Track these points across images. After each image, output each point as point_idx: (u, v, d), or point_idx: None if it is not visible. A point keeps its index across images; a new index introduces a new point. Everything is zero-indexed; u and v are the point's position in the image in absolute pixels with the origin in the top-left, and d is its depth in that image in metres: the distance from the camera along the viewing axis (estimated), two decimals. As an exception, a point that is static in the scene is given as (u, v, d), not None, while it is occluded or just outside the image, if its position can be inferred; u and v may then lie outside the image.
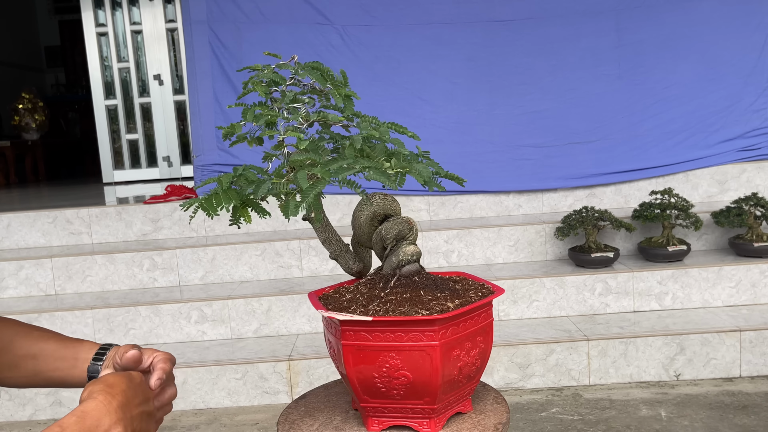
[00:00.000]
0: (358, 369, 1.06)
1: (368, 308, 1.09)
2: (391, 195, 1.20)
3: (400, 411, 1.08)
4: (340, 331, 1.06)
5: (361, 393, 1.08)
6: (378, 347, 1.04)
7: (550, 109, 3.70)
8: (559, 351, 2.87)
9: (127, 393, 0.78)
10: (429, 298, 1.11)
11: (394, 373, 1.05)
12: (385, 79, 3.70)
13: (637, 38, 3.67)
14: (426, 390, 1.05)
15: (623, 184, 3.74)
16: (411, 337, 1.03)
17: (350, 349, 1.05)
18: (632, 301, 3.16)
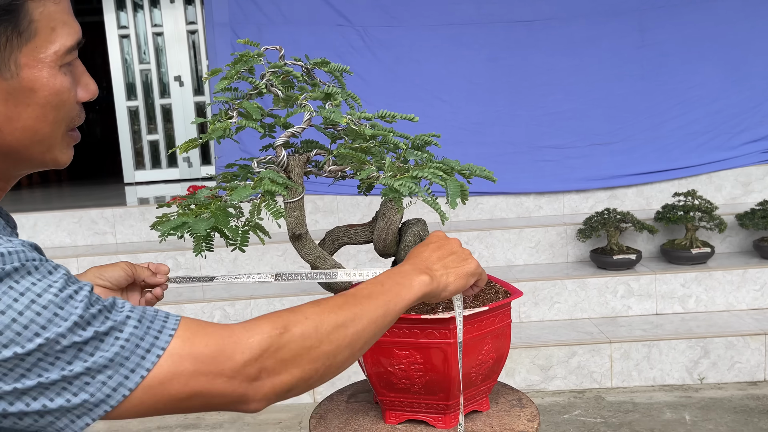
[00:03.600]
0: (375, 363, 1.09)
1: None
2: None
3: (416, 405, 1.11)
4: None
5: (379, 386, 1.12)
6: (395, 343, 1.07)
7: (572, 109, 3.68)
8: (581, 353, 2.85)
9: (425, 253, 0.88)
10: (447, 300, 1.14)
11: (410, 369, 1.07)
12: (405, 79, 3.70)
13: (660, 38, 3.64)
14: (440, 386, 1.07)
15: (645, 185, 3.71)
16: (427, 334, 1.06)
17: None
18: (655, 304, 3.14)
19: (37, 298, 0.60)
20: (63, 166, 0.77)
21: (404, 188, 0.98)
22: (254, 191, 1.02)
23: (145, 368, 0.63)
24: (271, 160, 1.11)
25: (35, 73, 0.68)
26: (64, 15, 0.70)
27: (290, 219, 1.10)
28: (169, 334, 0.65)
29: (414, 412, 1.12)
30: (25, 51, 0.67)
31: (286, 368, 0.69)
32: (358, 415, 1.17)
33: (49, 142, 0.72)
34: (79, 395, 0.61)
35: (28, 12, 0.67)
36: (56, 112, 0.71)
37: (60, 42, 0.69)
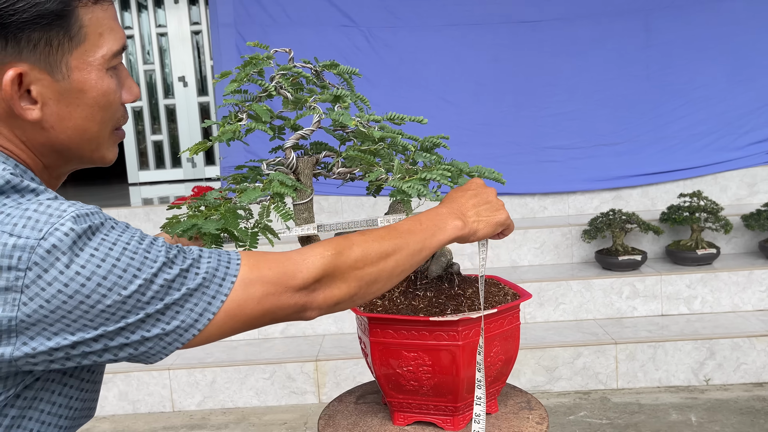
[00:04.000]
0: (384, 365, 1.09)
1: (398, 306, 1.12)
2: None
3: (424, 407, 1.11)
4: (369, 328, 1.09)
5: (387, 388, 1.12)
6: (403, 345, 1.08)
7: (577, 110, 3.67)
8: (587, 354, 2.85)
9: (460, 198, 0.95)
10: (486, 289, 1.14)
11: (418, 371, 1.08)
12: (410, 80, 3.70)
13: (666, 39, 3.63)
14: (449, 388, 1.08)
15: (650, 186, 3.71)
16: (435, 336, 1.06)
17: (377, 345, 1.09)
18: (660, 305, 3.13)
19: (127, 246, 0.69)
20: (109, 163, 0.84)
21: (413, 190, 0.99)
22: (263, 193, 1.02)
23: (223, 294, 0.73)
24: (281, 162, 1.11)
25: (85, 75, 0.75)
26: (111, 21, 0.77)
27: (299, 220, 1.10)
28: (236, 264, 0.75)
29: (422, 413, 1.12)
30: (75, 54, 0.74)
31: (336, 284, 0.80)
32: (367, 416, 1.17)
33: (98, 141, 0.79)
34: (171, 323, 0.71)
35: (79, 18, 0.73)
36: (104, 113, 0.77)
37: (107, 46, 0.75)
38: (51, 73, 0.72)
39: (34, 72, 0.72)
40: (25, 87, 0.73)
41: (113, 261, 0.67)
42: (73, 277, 0.66)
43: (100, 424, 2.80)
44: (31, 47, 0.71)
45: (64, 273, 0.65)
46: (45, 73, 0.72)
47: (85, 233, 0.67)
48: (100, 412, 2.86)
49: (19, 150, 0.76)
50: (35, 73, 0.72)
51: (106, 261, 0.67)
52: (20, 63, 0.72)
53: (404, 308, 1.12)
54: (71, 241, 0.66)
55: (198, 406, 2.86)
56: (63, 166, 0.81)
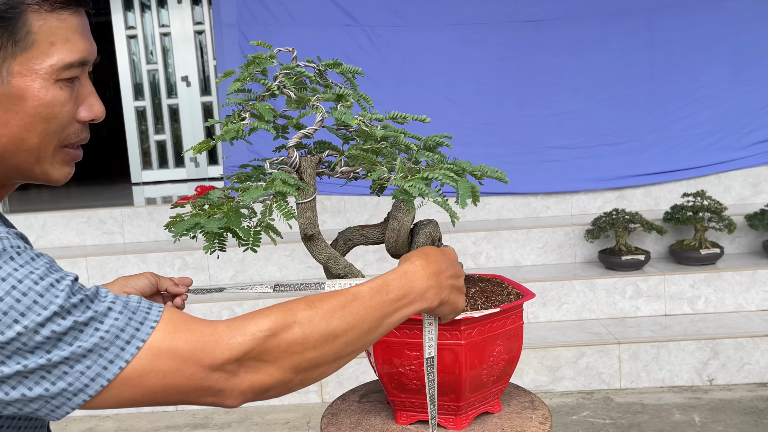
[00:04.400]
0: (386, 363, 1.09)
1: None
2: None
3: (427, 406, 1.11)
4: None
5: (390, 387, 1.12)
6: (406, 344, 1.07)
7: (580, 110, 3.66)
8: (590, 354, 2.85)
9: (441, 263, 0.86)
10: (489, 288, 1.15)
11: (421, 370, 1.07)
12: (413, 80, 3.70)
13: (670, 38, 3.62)
14: (451, 388, 1.07)
15: (653, 186, 3.70)
16: (438, 335, 1.05)
17: (379, 344, 1.09)
18: (664, 305, 3.13)
19: (17, 284, 0.59)
20: (56, 183, 0.76)
21: (415, 189, 0.98)
22: (266, 192, 1.02)
23: (123, 360, 0.62)
24: (284, 161, 1.11)
25: (27, 83, 0.69)
26: (69, 33, 0.70)
27: (302, 220, 1.10)
28: (150, 326, 0.64)
29: (425, 412, 1.12)
30: (19, 59, 0.68)
31: (264, 368, 0.68)
32: (370, 415, 1.17)
33: (38, 154, 0.71)
34: (57, 384, 0.61)
35: (27, 22, 0.68)
36: (45, 124, 0.70)
37: (58, 57, 0.69)
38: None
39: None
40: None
41: (3, 294, 0.59)
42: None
43: (103, 423, 2.80)
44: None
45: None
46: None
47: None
48: (104, 411, 2.86)
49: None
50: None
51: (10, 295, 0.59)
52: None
53: None
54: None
55: (201, 405, 2.86)
56: (4, 177, 0.74)
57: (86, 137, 0.77)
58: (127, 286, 0.99)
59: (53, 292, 0.60)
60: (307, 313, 0.71)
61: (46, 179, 0.75)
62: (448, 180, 1.01)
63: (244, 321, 0.69)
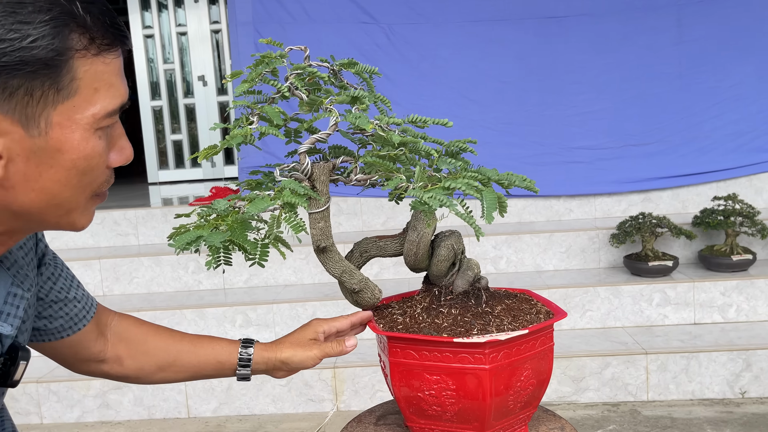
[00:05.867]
0: (404, 387, 1.01)
1: (420, 325, 1.04)
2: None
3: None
4: (388, 347, 1.01)
5: (408, 412, 1.04)
6: (425, 367, 0.99)
7: (605, 109, 3.54)
8: (615, 364, 2.73)
9: None
10: (516, 306, 1.06)
11: (441, 395, 0.99)
12: (432, 78, 3.61)
13: (700, 34, 3.48)
14: (475, 415, 0.99)
15: (681, 188, 3.56)
16: (460, 359, 0.97)
17: (397, 366, 1.01)
18: (693, 313, 3.00)
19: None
20: (80, 230, 0.71)
21: (434, 201, 0.90)
22: (273, 202, 0.94)
23: None
24: (296, 167, 1.03)
25: (66, 134, 0.62)
26: (112, 77, 0.64)
27: (314, 231, 1.02)
28: None
29: None
30: (60, 109, 0.61)
31: None
32: (387, 441, 1.09)
33: (68, 207, 0.66)
34: None
35: (72, 69, 0.61)
36: (81, 177, 0.64)
37: (101, 104, 0.63)
38: (25, 126, 0.60)
39: (5, 123, 0.60)
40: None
41: None
42: None
43: (114, 430, 2.76)
44: (6, 95, 0.59)
45: None
46: (18, 125, 0.60)
47: None
48: (115, 417, 2.82)
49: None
50: (6, 125, 0.60)
51: None
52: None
53: (426, 327, 1.03)
54: None
55: (214, 413, 2.80)
56: (16, 229, 0.69)
57: (113, 181, 0.71)
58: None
59: None
60: None
61: (71, 228, 0.69)
62: (471, 191, 0.92)
63: None
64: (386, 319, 1.08)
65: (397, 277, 3.31)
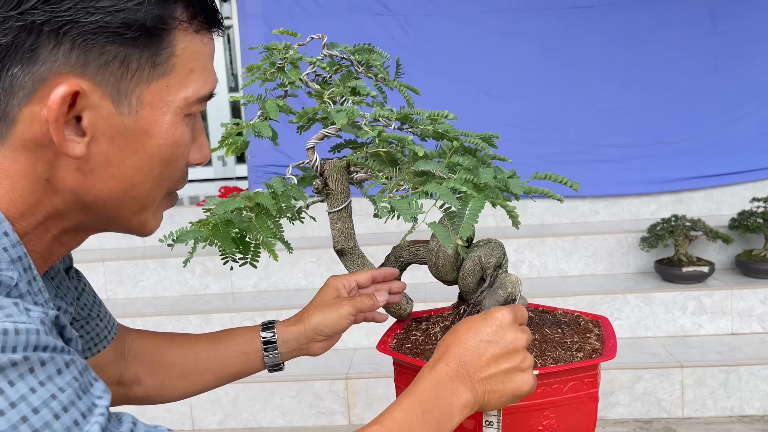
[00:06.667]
0: None
1: (427, 347, 0.89)
2: None
3: None
4: (393, 367, 0.88)
5: None
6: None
7: (633, 105, 3.34)
8: (648, 378, 2.54)
9: (466, 354, 0.67)
10: (559, 336, 0.89)
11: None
12: (449, 72, 3.43)
13: (735, 25, 3.27)
14: None
15: (715, 189, 3.36)
16: (573, 387, 0.81)
17: (399, 391, 0.86)
18: (730, 323, 2.80)
19: (31, 415, 0.44)
20: (148, 234, 0.65)
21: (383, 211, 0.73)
22: (240, 203, 0.83)
23: None
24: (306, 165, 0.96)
25: (157, 116, 0.57)
26: (207, 60, 0.61)
27: (333, 231, 0.93)
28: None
29: None
30: (153, 87, 0.57)
31: None
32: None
33: (144, 201, 0.60)
34: None
35: (172, 42, 0.57)
36: (163, 167, 0.59)
37: (194, 88, 0.59)
38: (116, 102, 0.55)
39: (95, 95, 0.54)
40: (76, 111, 0.54)
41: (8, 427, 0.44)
42: None
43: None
44: (101, 63, 0.53)
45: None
46: (108, 100, 0.55)
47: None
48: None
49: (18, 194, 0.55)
50: (96, 97, 0.54)
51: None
52: (81, 79, 0.53)
53: (431, 351, 0.87)
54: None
55: (219, 425, 2.66)
56: (82, 227, 0.61)
57: (186, 183, 0.66)
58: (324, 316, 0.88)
59: (89, 425, 0.47)
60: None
61: (140, 230, 0.64)
62: (450, 199, 0.73)
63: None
64: (404, 334, 0.94)
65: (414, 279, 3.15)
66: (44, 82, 0.53)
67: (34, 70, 0.52)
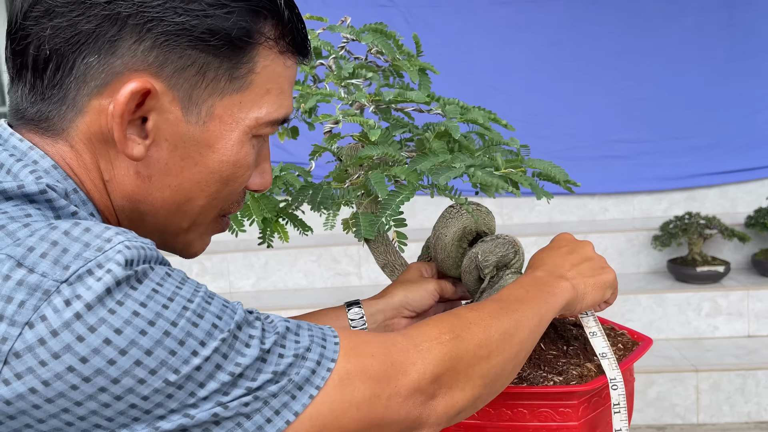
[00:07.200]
0: None
1: None
2: (484, 205, 0.90)
3: None
4: None
5: None
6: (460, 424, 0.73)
7: (647, 98, 3.23)
8: (661, 383, 2.44)
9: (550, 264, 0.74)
10: (554, 354, 0.79)
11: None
12: (455, 66, 3.32)
13: (753, 15, 3.15)
14: None
15: (729, 185, 3.24)
16: (541, 414, 0.71)
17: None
18: (747, 324, 2.69)
19: (189, 304, 0.47)
20: (191, 257, 0.64)
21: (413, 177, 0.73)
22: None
23: (314, 386, 0.50)
24: None
25: (224, 131, 0.56)
26: (286, 83, 0.59)
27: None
28: (334, 342, 0.53)
29: None
30: (226, 101, 0.55)
31: (458, 383, 0.57)
32: None
33: (195, 220, 0.59)
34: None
35: (254, 58, 0.55)
36: (221, 186, 0.58)
37: (267, 109, 0.57)
38: (185, 109, 0.54)
39: (165, 98, 0.53)
40: (143, 112, 0.53)
41: (167, 326, 0.45)
42: (97, 348, 0.43)
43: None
44: (178, 66, 0.52)
45: (85, 340, 0.43)
46: (178, 105, 0.54)
47: (128, 280, 0.45)
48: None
49: (92, 184, 0.55)
50: (166, 101, 0.53)
51: (156, 325, 0.45)
52: (155, 79, 0.52)
53: None
54: (104, 289, 0.44)
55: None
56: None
57: (241, 208, 0.64)
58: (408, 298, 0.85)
59: (228, 314, 0.50)
60: (475, 313, 0.62)
61: (183, 250, 0.63)
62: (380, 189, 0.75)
63: (416, 327, 0.59)
64: None
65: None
66: (118, 77, 0.51)
67: (110, 62, 0.51)
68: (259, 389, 0.48)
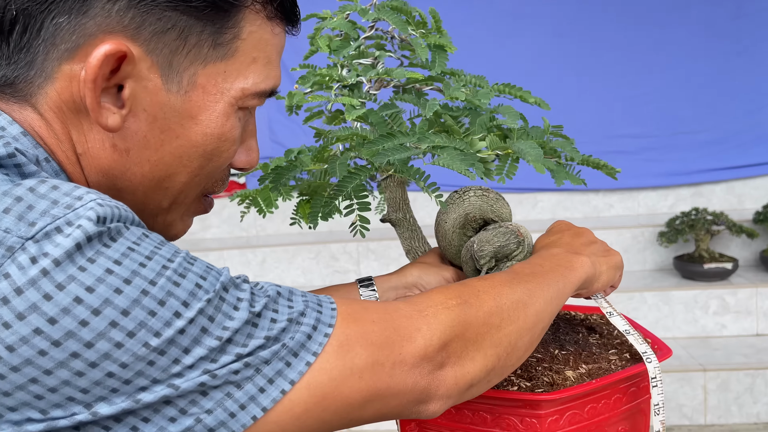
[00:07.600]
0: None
1: None
2: (495, 191, 0.83)
3: None
4: None
5: None
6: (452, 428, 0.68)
7: (652, 92, 3.16)
8: (668, 382, 2.38)
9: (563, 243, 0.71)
10: (538, 357, 0.72)
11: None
12: (454, 58, 3.25)
13: (761, 6, 3.08)
14: None
15: (736, 181, 3.18)
16: (503, 422, 0.65)
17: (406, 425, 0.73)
18: (756, 323, 2.63)
19: (168, 264, 0.43)
20: (172, 239, 0.58)
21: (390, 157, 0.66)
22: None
23: (311, 352, 0.47)
24: None
25: (208, 102, 0.52)
26: (273, 52, 0.55)
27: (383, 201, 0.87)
28: (331, 308, 0.50)
29: None
30: (210, 69, 0.51)
31: (468, 353, 0.53)
32: None
33: (176, 198, 0.55)
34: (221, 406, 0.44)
35: (239, 23, 0.52)
36: (203, 161, 0.54)
37: (253, 79, 0.53)
38: (165, 77, 0.50)
39: (143, 64, 0.49)
40: (118, 79, 0.49)
41: (144, 284, 0.42)
42: (67, 308, 0.39)
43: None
44: (157, 29, 0.48)
45: (53, 299, 0.39)
46: (157, 73, 0.49)
47: (101, 236, 0.42)
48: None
49: (64, 156, 0.51)
50: (144, 67, 0.49)
51: (132, 283, 0.41)
52: (131, 42, 0.48)
53: None
54: (73, 244, 0.40)
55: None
56: None
57: (226, 186, 0.59)
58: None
59: (213, 276, 0.46)
60: (484, 282, 0.58)
61: (162, 233, 0.55)
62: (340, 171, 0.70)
63: (421, 295, 0.55)
64: None
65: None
66: (90, 39, 0.47)
67: (81, 23, 0.47)
68: (250, 355, 0.44)
